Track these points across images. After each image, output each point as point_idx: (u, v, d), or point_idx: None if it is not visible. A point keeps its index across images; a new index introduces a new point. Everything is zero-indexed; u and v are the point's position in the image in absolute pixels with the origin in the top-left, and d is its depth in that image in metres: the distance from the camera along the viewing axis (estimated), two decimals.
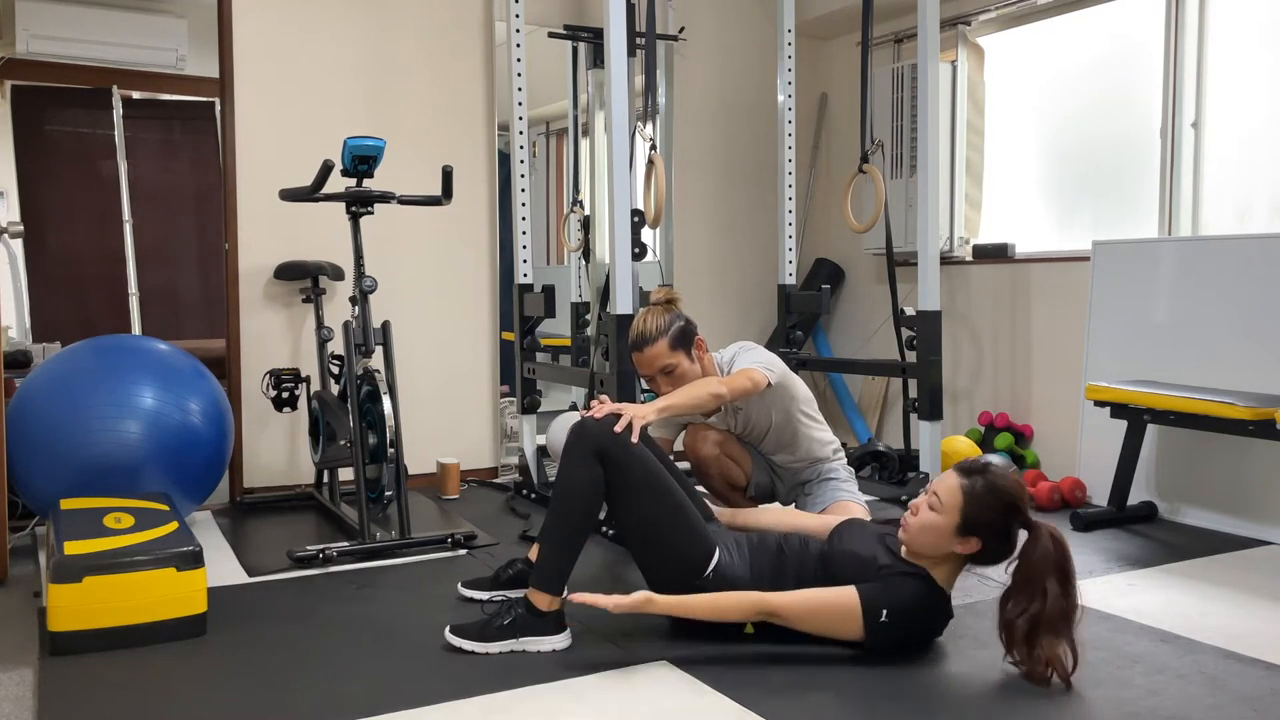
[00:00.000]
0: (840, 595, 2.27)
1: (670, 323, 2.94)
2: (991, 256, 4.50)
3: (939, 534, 2.24)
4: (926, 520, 2.25)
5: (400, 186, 3.87)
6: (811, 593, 2.30)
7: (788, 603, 2.28)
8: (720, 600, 2.31)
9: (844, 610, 2.26)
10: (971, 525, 2.22)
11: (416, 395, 4.35)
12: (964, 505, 2.22)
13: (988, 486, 2.22)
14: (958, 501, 2.22)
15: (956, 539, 2.23)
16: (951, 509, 2.22)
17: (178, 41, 5.33)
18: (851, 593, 2.26)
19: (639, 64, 3.89)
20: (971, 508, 2.21)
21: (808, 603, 2.28)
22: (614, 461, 2.40)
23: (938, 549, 2.27)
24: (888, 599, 2.25)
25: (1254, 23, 3.73)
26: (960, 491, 2.23)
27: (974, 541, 2.23)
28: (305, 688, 2.18)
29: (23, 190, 5.54)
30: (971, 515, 2.21)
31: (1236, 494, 3.52)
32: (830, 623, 2.28)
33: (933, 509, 2.25)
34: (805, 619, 2.29)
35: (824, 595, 2.29)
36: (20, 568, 3.14)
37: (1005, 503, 2.21)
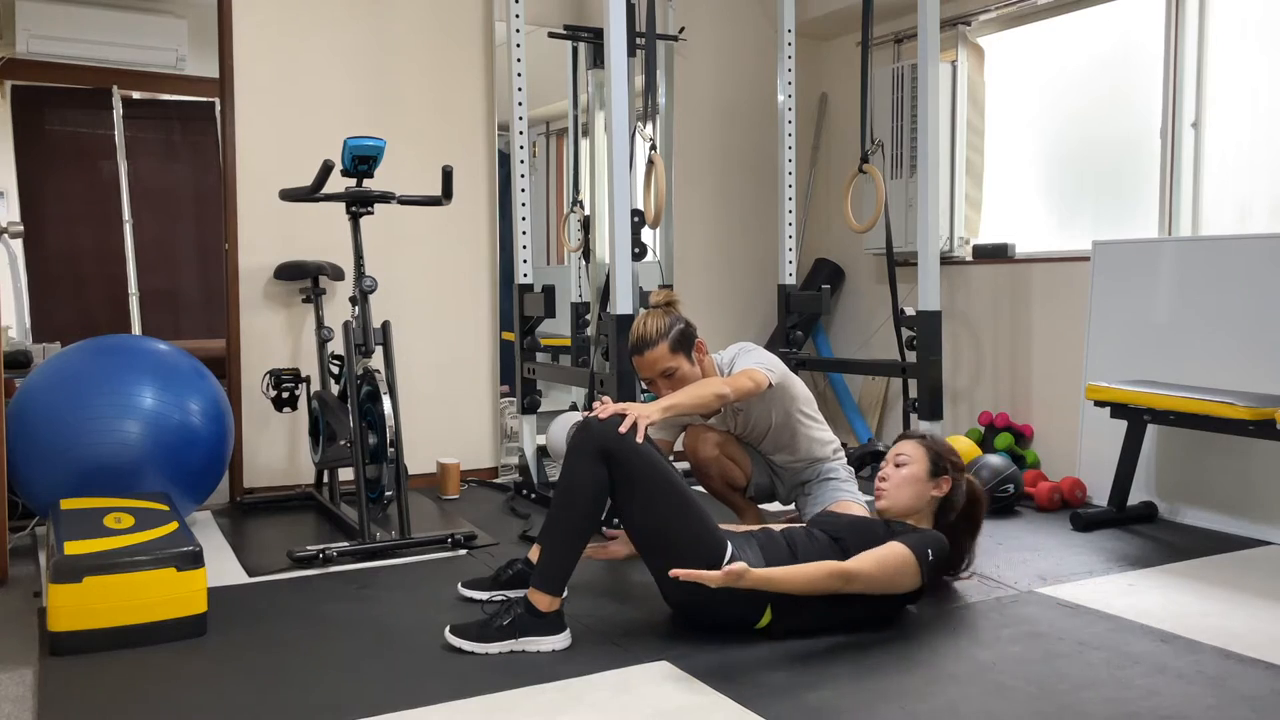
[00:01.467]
0: (895, 550, 2.44)
1: (670, 325, 2.94)
2: (991, 256, 4.50)
3: (917, 481, 2.63)
4: (904, 474, 2.64)
5: (400, 186, 3.87)
6: (874, 553, 2.44)
7: (863, 566, 2.40)
8: (806, 570, 2.37)
9: (904, 561, 2.43)
10: (939, 465, 2.65)
11: (416, 395, 4.35)
12: (927, 453, 2.67)
13: (933, 438, 2.75)
14: (921, 452, 2.67)
15: (931, 482, 2.64)
16: (919, 459, 2.66)
17: (178, 41, 5.33)
18: (900, 546, 2.45)
19: (639, 64, 3.89)
20: (933, 451, 2.67)
21: (876, 560, 2.42)
22: (619, 461, 2.40)
23: (918, 498, 2.63)
24: (923, 540, 2.49)
25: (1254, 23, 3.73)
26: (919, 444, 2.69)
27: (945, 481, 2.65)
28: (305, 688, 2.18)
29: (23, 190, 5.54)
30: (935, 457, 2.66)
31: (1236, 494, 3.52)
32: (896, 575, 2.43)
33: (903, 465, 2.65)
34: (876, 577, 2.41)
35: (883, 552, 2.44)
36: (20, 568, 3.14)
37: (949, 447, 2.73)
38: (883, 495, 2.65)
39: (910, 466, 2.64)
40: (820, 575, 2.36)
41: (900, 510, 2.63)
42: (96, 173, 5.59)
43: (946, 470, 2.66)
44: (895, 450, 2.70)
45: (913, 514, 2.63)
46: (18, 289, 5.39)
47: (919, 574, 2.46)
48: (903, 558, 2.43)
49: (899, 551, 2.43)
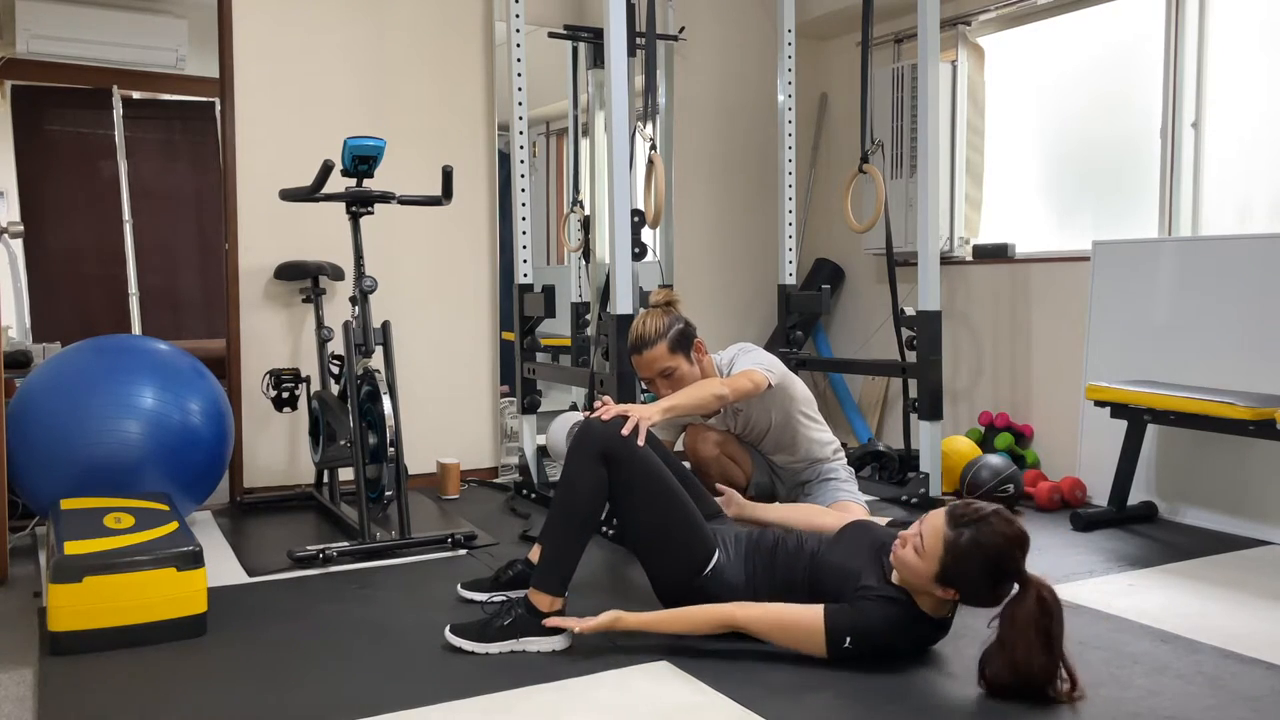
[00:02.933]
0: (807, 615, 2.25)
1: (669, 325, 2.94)
2: (991, 256, 4.50)
3: (918, 576, 2.17)
4: (908, 560, 2.17)
5: (400, 186, 3.87)
6: (779, 610, 2.29)
7: (754, 617, 2.30)
8: (690, 614, 2.34)
9: (809, 630, 2.24)
10: (950, 577, 2.13)
11: (416, 395, 4.35)
12: (943, 556, 2.12)
13: (972, 542, 2.10)
14: (938, 551, 2.12)
15: (936, 585, 2.16)
16: (932, 557, 2.13)
17: (178, 41, 5.33)
18: (818, 614, 2.23)
19: (639, 64, 3.89)
20: (950, 559, 2.11)
21: (774, 619, 2.29)
22: (619, 463, 2.41)
23: (919, 586, 2.20)
24: (853, 624, 2.21)
25: (1254, 23, 3.73)
26: (943, 541, 2.12)
27: (951, 592, 2.16)
28: (305, 688, 2.18)
29: (23, 190, 5.54)
30: (950, 568, 2.12)
31: (1236, 494, 3.52)
32: (795, 640, 2.27)
33: (916, 551, 2.16)
34: (771, 634, 2.30)
35: (791, 613, 2.27)
36: (20, 568, 3.14)
37: (988, 560, 2.09)
38: (893, 556, 2.23)
39: (919, 559, 2.16)
40: (703, 622, 2.33)
41: (903, 580, 2.23)
42: (96, 173, 5.58)
43: (954, 583, 2.14)
44: (925, 521, 2.19)
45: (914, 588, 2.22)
46: (18, 289, 5.39)
47: (825, 651, 2.22)
48: (809, 630, 2.23)
49: (809, 621, 2.23)
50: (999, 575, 2.11)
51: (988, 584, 2.12)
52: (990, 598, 2.14)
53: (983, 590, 2.13)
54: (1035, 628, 2.05)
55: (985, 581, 2.12)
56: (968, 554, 2.09)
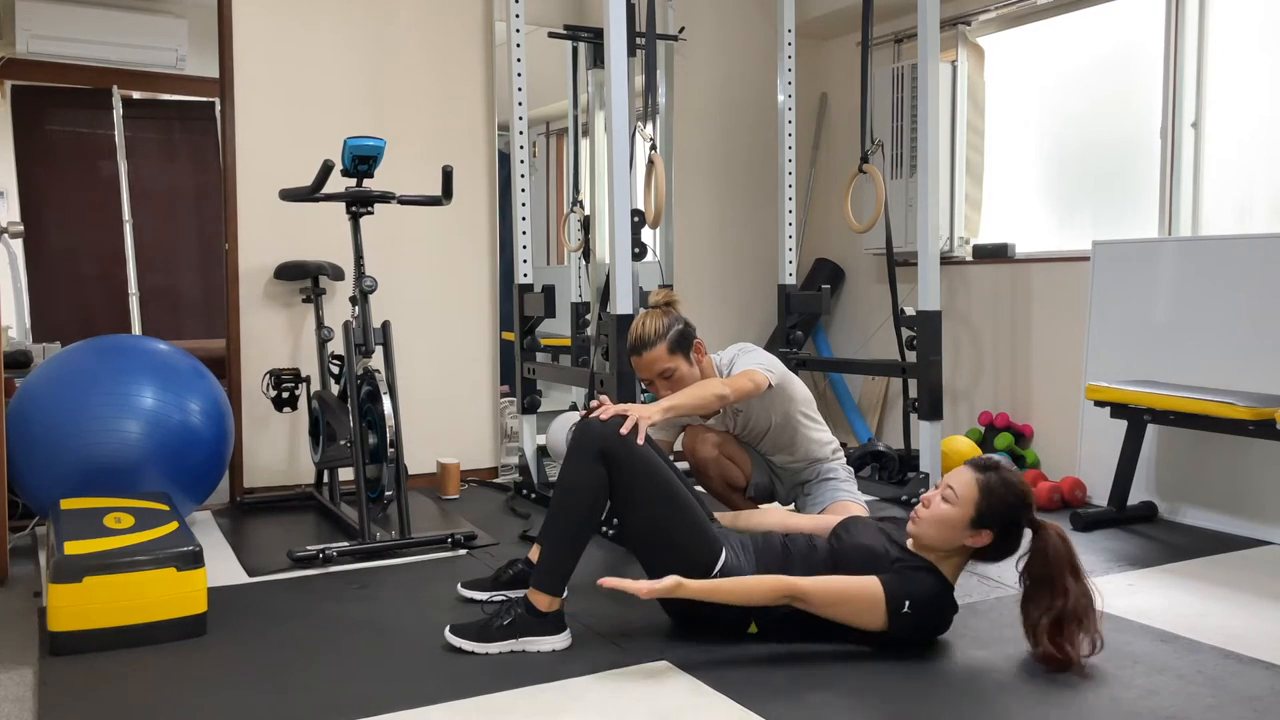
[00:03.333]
0: (865, 584, 2.28)
1: (669, 326, 2.94)
2: (991, 256, 4.50)
3: (952, 526, 2.27)
4: (940, 512, 2.28)
5: (400, 186, 3.87)
6: (838, 579, 2.29)
7: (815, 587, 2.27)
8: (749, 584, 2.29)
9: (869, 599, 2.26)
10: (985, 518, 2.26)
11: (416, 395, 4.35)
12: (979, 498, 2.26)
13: (1002, 481, 2.27)
14: (973, 494, 2.26)
15: (968, 531, 2.27)
16: (966, 501, 2.26)
17: (178, 41, 5.33)
18: (875, 583, 2.27)
19: (639, 64, 3.89)
20: (986, 500, 2.25)
21: (834, 588, 2.28)
22: (619, 463, 2.40)
23: (948, 542, 2.30)
24: (908, 589, 2.27)
25: (1254, 23, 3.73)
26: (975, 485, 2.27)
27: (986, 534, 2.27)
28: (305, 688, 2.18)
29: (23, 190, 5.54)
30: (986, 508, 2.25)
31: (1236, 494, 3.52)
32: (854, 610, 2.28)
33: (947, 501, 2.28)
34: (830, 604, 2.28)
35: (850, 583, 2.28)
36: (20, 568, 3.14)
37: (1018, 497, 2.27)
38: (915, 521, 2.34)
39: (951, 507, 2.28)
40: (764, 590, 2.27)
41: (926, 545, 2.34)
42: (96, 173, 5.58)
43: (990, 525, 2.27)
44: (949, 479, 2.32)
45: (938, 552, 2.33)
46: (18, 289, 5.39)
47: (885, 620, 2.27)
48: (870, 598, 2.26)
49: (869, 589, 2.27)
50: (1023, 514, 2.27)
51: (1016, 523, 2.27)
52: (1014, 538, 2.30)
53: (1011, 530, 2.28)
54: (1067, 560, 2.24)
55: (1014, 519, 2.27)
56: (1000, 492, 2.26)
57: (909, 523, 2.37)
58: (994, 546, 2.30)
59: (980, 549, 2.32)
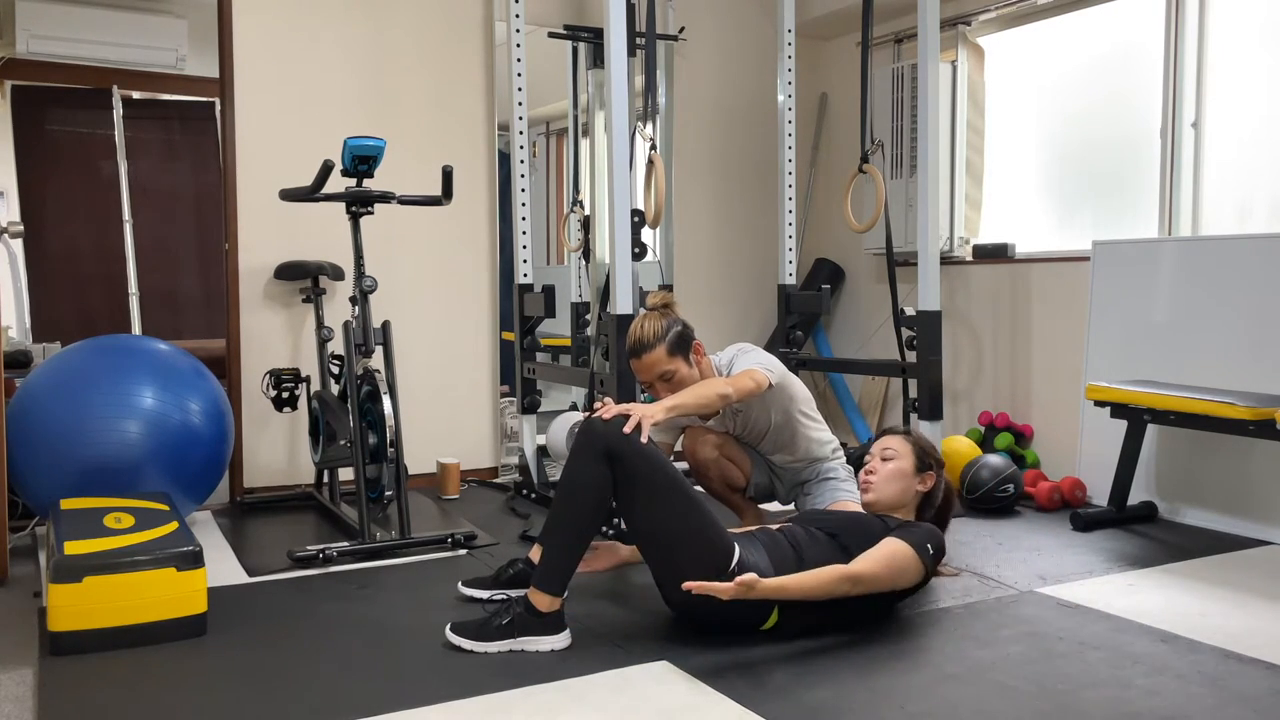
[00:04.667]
0: (898, 547, 2.46)
1: (667, 328, 2.94)
2: (991, 256, 4.50)
3: (904, 475, 2.65)
4: (890, 468, 2.66)
5: (400, 186, 3.87)
6: (877, 554, 2.44)
7: (869, 567, 2.41)
8: (814, 577, 2.36)
9: (908, 558, 2.45)
10: (924, 460, 2.69)
11: (416, 395, 4.35)
12: (913, 447, 2.70)
13: (917, 434, 2.78)
14: (908, 447, 2.70)
15: (916, 477, 2.67)
16: (905, 454, 2.68)
17: (178, 41, 5.33)
18: (901, 543, 2.46)
19: (639, 64, 3.89)
20: (919, 446, 2.71)
21: (883, 561, 2.43)
22: (623, 462, 2.38)
23: (903, 493, 2.65)
24: (919, 538, 2.49)
25: (1254, 23, 3.73)
26: (904, 440, 2.72)
27: (930, 476, 2.69)
28: (305, 688, 2.18)
29: (23, 190, 5.54)
30: (921, 452, 2.70)
31: (1236, 494, 3.52)
32: (902, 573, 2.45)
33: (889, 459, 2.67)
34: (886, 576, 2.42)
35: (888, 553, 2.44)
36: (20, 568, 3.14)
37: (931, 443, 2.77)
38: (869, 488, 2.67)
39: (897, 461, 2.66)
40: (830, 581, 2.36)
41: (887, 504, 2.65)
42: (96, 173, 5.58)
43: (930, 466, 2.70)
44: (881, 444, 2.72)
45: (898, 508, 2.66)
46: (18, 289, 5.39)
47: (922, 569, 2.48)
48: (907, 555, 2.45)
49: (903, 549, 2.45)
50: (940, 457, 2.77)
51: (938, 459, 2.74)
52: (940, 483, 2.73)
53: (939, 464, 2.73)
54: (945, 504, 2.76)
55: (940, 460, 2.75)
56: (924, 441, 2.75)
57: (864, 494, 2.68)
58: (935, 487, 2.69)
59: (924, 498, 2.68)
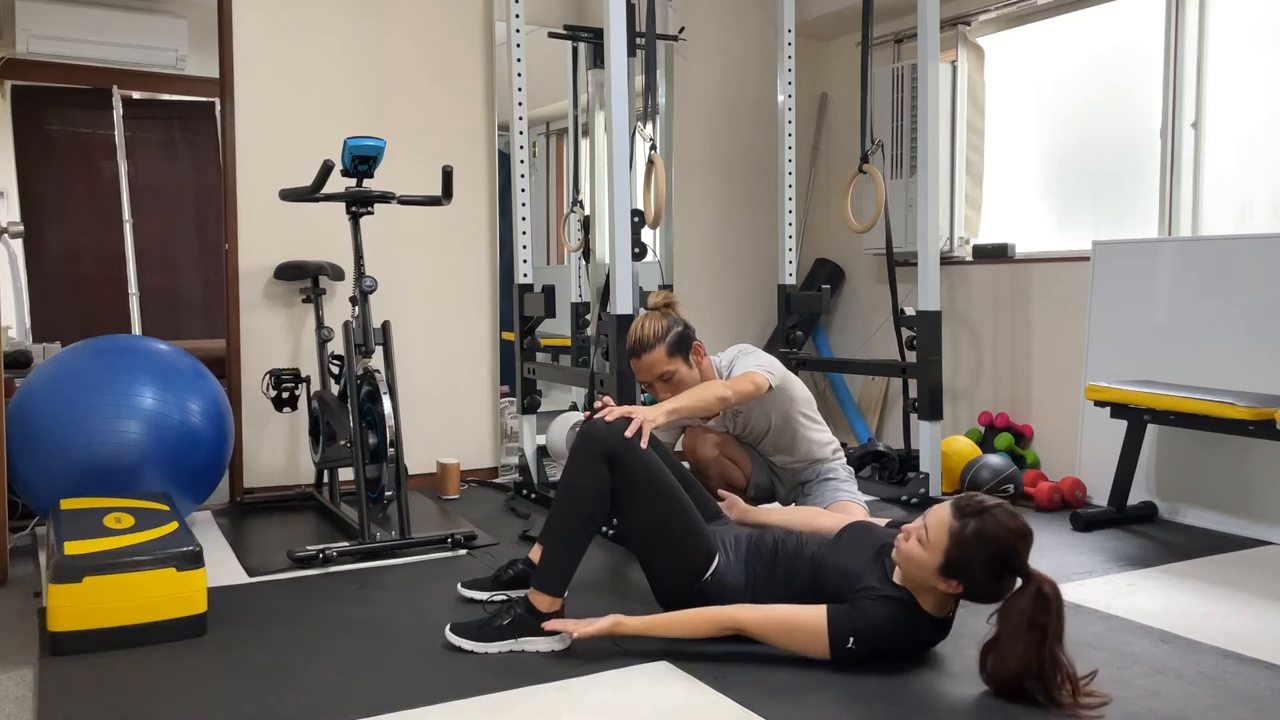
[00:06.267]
0: (809, 616, 2.23)
1: (668, 328, 2.94)
2: (991, 256, 4.50)
3: (922, 569, 2.16)
4: (912, 552, 2.17)
5: (400, 186, 3.87)
6: (781, 611, 2.27)
7: (757, 619, 2.27)
8: (691, 617, 2.32)
9: (812, 631, 2.22)
10: (953, 569, 2.13)
11: (416, 395, 4.35)
12: (948, 547, 2.12)
13: (977, 534, 2.10)
14: (943, 542, 2.12)
15: (939, 578, 2.15)
16: (936, 548, 2.13)
17: (178, 41, 5.32)
18: (821, 615, 2.22)
19: (639, 64, 3.89)
20: (955, 551, 2.11)
21: (776, 621, 2.26)
22: (622, 465, 2.40)
23: (922, 581, 2.20)
24: (855, 624, 2.20)
25: (1254, 23, 3.73)
26: (948, 532, 2.12)
27: (954, 584, 2.15)
28: (305, 688, 2.18)
29: (23, 190, 5.53)
30: (954, 559, 2.11)
31: (1236, 494, 3.52)
32: (798, 641, 2.25)
33: (920, 542, 2.16)
34: (773, 636, 2.27)
35: (794, 615, 2.25)
36: (20, 568, 3.14)
37: (993, 553, 2.09)
38: (896, 549, 2.24)
39: (922, 551, 2.16)
40: (705, 623, 2.30)
41: (906, 576, 2.24)
42: (96, 173, 5.58)
43: (960, 576, 2.13)
44: (930, 514, 2.19)
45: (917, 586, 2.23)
46: (18, 289, 5.38)
47: (828, 653, 2.21)
48: (812, 629, 2.21)
49: (812, 622, 2.22)
50: (1001, 568, 2.10)
51: (990, 577, 2.11)
52: (992, 592, 2.13)
53: (985, 583, 2.12)
54: (1030, 623, 2.04)
55: (988, 574, 2.11)
56: (972, 545, 2.09)
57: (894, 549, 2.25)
58: (970, 595, 2.17)
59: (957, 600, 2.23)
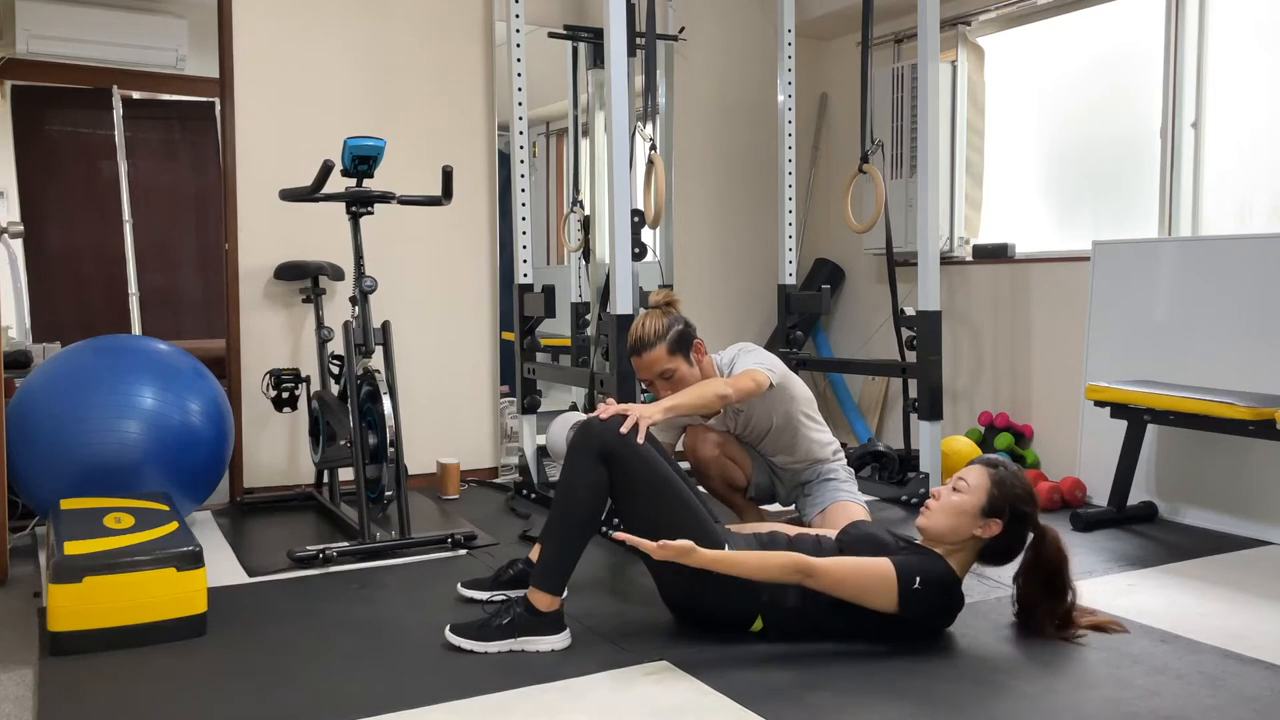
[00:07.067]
0: (877, 562, 2.32)
1: (668, 327, 2.94)
2: (991, 256, 4.50)
3: (963, 513, 2.35)
4: (952, 501, 2.37)
5: (400, 186, 3.86)
6: (850, 558, 2.34)
7: (827, 565, 2.29)
8: (761, 557, 2.31)
9: (880, 576, 2.30)
10: (996, 507, 2.34)
11: (416, 395, 4.35)
12: (991, 486, 2.35)
13: (1012, 474, 2.39)
14: (985, 484, 2.36)
15: (979, 520, 2.35)
16: (978, 490, 2.36)
17: (178, 41, 5.32)
18: (886, 562, 2.32)
19: (639, 64, 3.89)
20: (999, 488, 2.35)
21: (846, 565, 2.31)
22: (620, 462, 2.40)
23: (959, 531, 2.36)
24: (918, 568, 2.32)
25: (1254, 23, 3.73)
26: (987, 475, 2.37)
27: (996, 524, 2.35)
28: (305, 688, 2.18)
29: (23, 190, 5.53)
30: (998, 495, 2.35)
31: (1236, 494, 3.52)
32: (866, 587, 2.30)
33: (958, 490, 2.37)
34: (843, 581, 2.30)
35: (862, 561, 2.33)
36: (20, 568, 3.14)
37: (1026, 490, 2.38)
38: (925, 513, 2.41)
39: (963, 495, 2.37)
40: (776, 564, 2.28)
41: (935, 535, 2.39)
42: (96, 173, 5.58)
43: (1000, 513, 2.34)
44: (960, 474, 2.42)
45: (947, 544, 2.38)
46: (18, 289, 5.38)
47: (895, 598, 2.29)
48: (881, 575, 2.29)
49: (881, 567, 2.30)
50: (1030, 509, 2.38)
51: (1023, 516, 2.37)
52: (1016, 538, 2.39)
53: (1018, 519, 2.36)
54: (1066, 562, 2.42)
55: (1022, 512, 2.36)
56: (1011, 483, 2.37)
57: (920, 516, 2.43)
58: (1000, 539, 2.36)
59: (986, 546, 2.38)
